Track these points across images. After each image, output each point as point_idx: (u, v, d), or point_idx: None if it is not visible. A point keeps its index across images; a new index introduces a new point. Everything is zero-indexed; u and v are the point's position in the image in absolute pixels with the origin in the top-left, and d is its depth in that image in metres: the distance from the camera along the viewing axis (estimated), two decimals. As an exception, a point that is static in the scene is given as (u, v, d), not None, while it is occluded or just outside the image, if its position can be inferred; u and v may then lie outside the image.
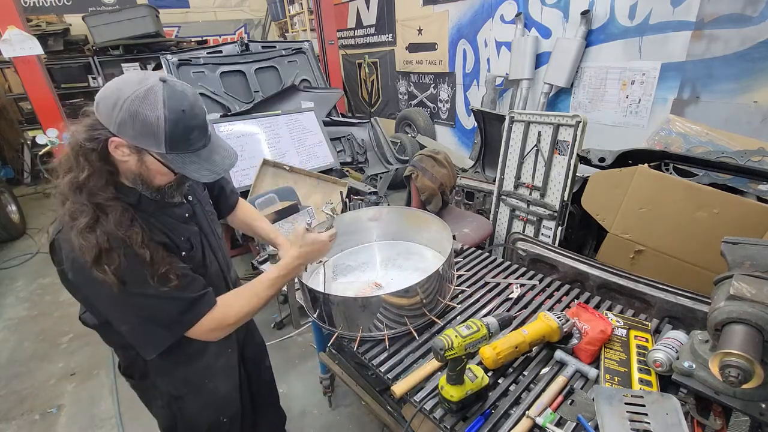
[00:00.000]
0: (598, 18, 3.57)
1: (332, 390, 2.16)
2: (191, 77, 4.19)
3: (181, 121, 0.87)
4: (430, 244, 1.74)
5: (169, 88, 0.87)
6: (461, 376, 1.04)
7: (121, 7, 6.23)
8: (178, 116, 0.87)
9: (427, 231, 1.72)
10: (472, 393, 1.05)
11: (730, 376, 0.87)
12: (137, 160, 0.92)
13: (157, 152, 0.89)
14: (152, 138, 0.87)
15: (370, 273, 1.65)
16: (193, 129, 0.90)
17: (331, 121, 4.51)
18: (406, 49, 6.02)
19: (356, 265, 1.71)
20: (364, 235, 1.82)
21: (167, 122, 0.85)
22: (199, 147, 0.94)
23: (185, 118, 0.88)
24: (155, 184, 0.98)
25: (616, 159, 2.52)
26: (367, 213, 1.78)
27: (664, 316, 1.53)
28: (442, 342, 0.98)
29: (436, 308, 1.41)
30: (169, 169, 0.93)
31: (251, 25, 8.53)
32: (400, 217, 1.78)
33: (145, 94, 0.85)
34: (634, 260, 2.24)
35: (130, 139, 0.87)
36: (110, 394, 2.43)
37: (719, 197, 1.93)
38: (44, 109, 4.02)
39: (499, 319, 1.10)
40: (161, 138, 0.86)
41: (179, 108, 0.87)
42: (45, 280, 3.79)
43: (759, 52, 2.73)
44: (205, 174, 0.94)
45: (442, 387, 1.06)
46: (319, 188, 3.19)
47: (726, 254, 1.12)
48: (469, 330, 1.02)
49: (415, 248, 1.77)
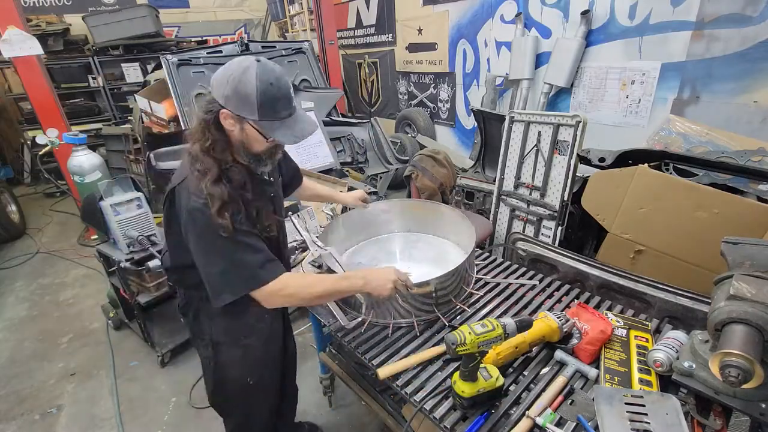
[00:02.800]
0: (598, 18, 3.56)
1: (332, 390, 2.17)
2: (191, 77, 4.19)
3: (269, 91, 1.07)
4: (446, 236, 1.83)
5: (261, 66, 1.06)
6: (474, 374, 1.04)
7: (121, 7, 6.24)
8: (266, 87, 1.06)
9: (444, 224, 1.81)
10: (485, 392, 1.05)
11: (730, 376, 0.87)
12: (240, 129, 1.13)
13: (252, 119, 1.09)
14: (248, 106, 1.07)
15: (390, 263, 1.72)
16: (279, 99, 1.10)
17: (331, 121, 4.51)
18: (406, 49, 6.02)
19: (374, 256, 1.78)
20: (383, 227, 1.91)
21: (258, 92, 1.05)
22: (285, 116, 1.13)
23: (272, 89, 1.07)
24: (253, 151, 1.19)
25: (616, 159, 2.52)
26: (378, 206, 1.88)
27: (664, 316, 1.52)
28: (455, 337, 0.99)
29: (460, 297, 1.46)
30: (261, 135, 1.13)
31: (251, 25, 8.52)
32: (415, 209, 1.89)
33: (244, 71, 1.05)
34: (634, 260, 2.24)
35: (233, 109, 1.08)
36: (110, 394, 2.43)
37: (719, 197, 1.93)
38: (44, 109, 4.02)
39: (517, 321, 1.08)
40: (254, 106, 1.06)
41: (268, 81, 1.06)
42: (45, 280, 3.79)
43: (759, 52, 2.72)
44: (290, 138, 1.13)
45: (455, 382, 1.08)
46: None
47: (726, 254, 1.12)
48: (484, 328, 1.02)
49: (433, 240, 1.85)
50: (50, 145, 3.96)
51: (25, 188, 6.41)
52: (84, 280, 3.74)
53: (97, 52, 6.24)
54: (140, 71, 6.42)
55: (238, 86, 1.05)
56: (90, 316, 3.19)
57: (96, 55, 6.25)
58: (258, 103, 1.06)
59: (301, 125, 1.16)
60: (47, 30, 6.00)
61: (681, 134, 2.95)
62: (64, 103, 5.16)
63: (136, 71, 6.47)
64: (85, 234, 4.58)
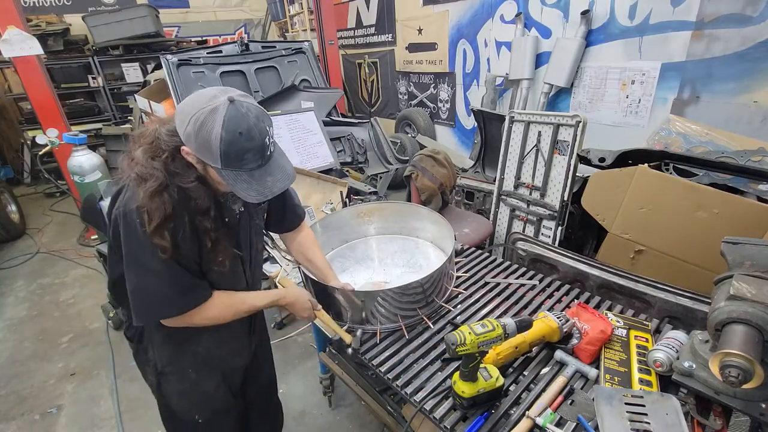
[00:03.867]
0: (598, 18, 3.56)
1: (332, 390, 2.16)
2: (191, 77, 4.18)
3: (236, 143, 0.91)
4: (424, 236, 1.82)
5: (233, 109, 0.90)
6: (474, 374, 1.04)
7: (121, 7, 6.24)
8: (233, 138, 0.90)
9: (420, 222, 1.81)
10: (485, 392, 1.05)
11: (731, 376, 0.87)
12: (203, 168, 0.99)
13: (214, 166, 0.94)
14: (209, 153, 0.92)
15: (369, 269, 1.69)
16: (248, 151, 0.93)
17: (331, 121, 4.51)
18: (406, 49, 6.02)
19: (354, 259, 1.76)
20: (361, 230, 1.87)
21: (222, 142, 0.89)
22: (253, 167, 0.96)
23: (240, 140, 0.91)
24: (219, 190, 1.06)
25: (616, 159, 2.52)
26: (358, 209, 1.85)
27: (664, 316, 1.52)
28: (455, 337, 0.99)
29: (431, 306, 1.44)
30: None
31: (251, 25, 8.52)
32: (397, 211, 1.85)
33: (210, 113, 0.89)
34: (634, 260, 2.24)
35: (194, 151, 0.94)
36: (110, 394, 2.43)
37: (719, 197, 1.93)
38: (44, 109, 4.02)
39: (517, 321, 1.08)
40: (216, 155, 0.91)
41: (236, 130, 0.90)
42: (45, 280, 3.79)
43: (759, 52, 2.72)
44: (252, 194, 0.97)
45: (455, 382, 1.08)
46: (319, 188, 3.19)
47: (726, 254, 1.12)
48: (484, 328, 1.02)
49: (412, 243, 1.83)
50: (50, 145, 3.95)
51: (25, 188, 6.41)
52: (84, 280, 3.74)
53: (97, 52, 6.24)
54: (140, 71, 6.43)
55: (201, 130, 0.89)
56: (90, 316, 3.19)
57: (96, 55, 6.25)
58: (221, 152, 0.90)
59: (272, 178, 0.99)
60: (47, 30, 6.00)
61: (681, 134, 2.95)
62: (64, 103, 5.16)
63: (136, 71, 6.47)
64: (85, 234, 4.58)
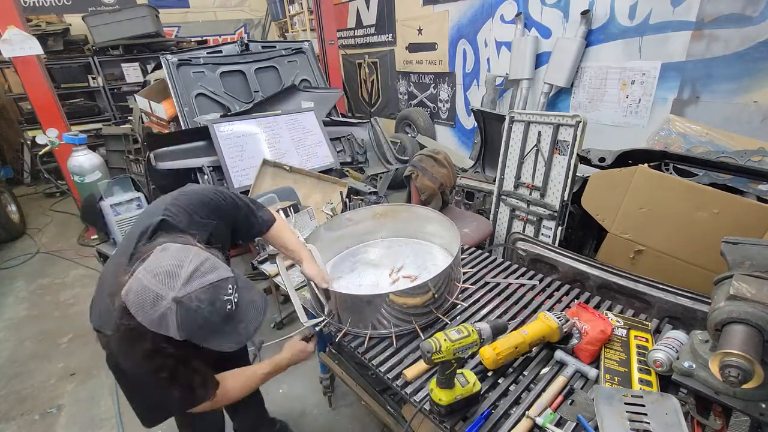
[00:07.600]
0: (598, 18, 3.56)
1: (332, 390, 2.16)
2: (191, 77, 4.18)
3: (198, 335, 0.90)
4: (434, 240, 1.80)
5: (182, 311, 0.85)
6: (451, 381, 1.02)
7: (121, 7, 6.23)
8: (193, 332, 0.89)
9: (429, 226, 1.78)
10: (462, 398, 1.04)
11: (730, 376, 0.87)
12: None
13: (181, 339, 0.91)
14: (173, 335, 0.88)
15: (376, 270, 1.68)
16: (212, 332, 0.91)
17: (331, 121, 4.50)
18: (406, 49, 6.02)
19: (363, 262, 1.75)
20: (371, 234, 1.87)
21: (182, 333, 0.87)
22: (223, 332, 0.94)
23: (202, 332, 0.90)
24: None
25: (616, 159, 2.52)
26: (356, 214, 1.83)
27: (664, 316, 1.52)
28: (430, 345, 0.97)
29: (443, 306, 1.43)
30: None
31: (251, 25, 8.52)
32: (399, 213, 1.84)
33: (159, 320, 0.86)
34: (634, 260, 2.24)
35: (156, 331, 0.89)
36: (110, 394, 2.43)
37: (719, 197, 1.93)
38: (44, 109, 4.02)
39: (492, 326, 1.08)
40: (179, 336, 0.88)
41: (194, 327, 0.88)
42: (45, 280, 3.79)
43: (759, 52, 2.72)
44: (230, 345, 0.94)
45: (432, 390, 1.05)
46: (319, 188, 3.19)
47: (726, 254, 1.12)
48: (459, 335, 1.00)
49: (421, 245, 1.82)
50: (50, 145, 3.96)
51: (25, 188, 6.42)
52: (84, 279, 3.74)
53: (97, 52, 6.24)
54: (140, 71, 6.42)
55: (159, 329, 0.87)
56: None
57: (96, 55, 6.24)
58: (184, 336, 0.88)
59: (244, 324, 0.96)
60: (47, 30, 5.99)
61: (681, 134, 2.95)
62: (64, 103, 5.16)
63: (136, 71, 6.47)
64: (84, 234, 4.58)
